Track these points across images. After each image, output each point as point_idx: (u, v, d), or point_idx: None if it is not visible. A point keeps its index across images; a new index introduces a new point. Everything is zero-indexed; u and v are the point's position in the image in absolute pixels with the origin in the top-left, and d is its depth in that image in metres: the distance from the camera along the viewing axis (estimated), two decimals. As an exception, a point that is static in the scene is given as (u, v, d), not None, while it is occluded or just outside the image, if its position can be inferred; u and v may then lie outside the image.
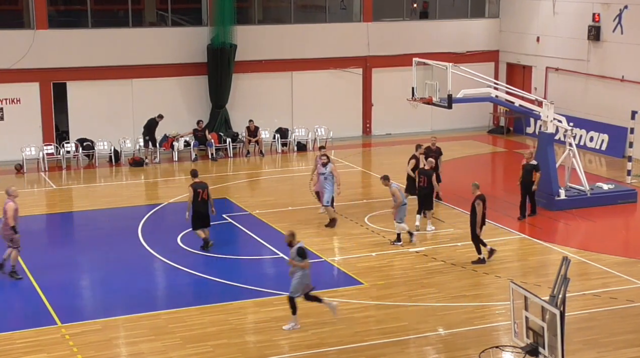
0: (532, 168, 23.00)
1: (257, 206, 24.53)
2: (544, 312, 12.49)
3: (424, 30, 35.19)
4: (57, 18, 31.80)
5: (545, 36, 33.99)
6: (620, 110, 29.98)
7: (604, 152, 31.34)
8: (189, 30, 32.42)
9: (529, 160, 23.02)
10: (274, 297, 17.80)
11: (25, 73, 30.15)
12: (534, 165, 23.01)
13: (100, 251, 21.05)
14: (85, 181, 28.38)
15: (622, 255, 20.51)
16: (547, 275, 18.87)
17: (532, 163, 22.99)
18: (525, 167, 23.06)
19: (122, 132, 30.97)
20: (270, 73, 33.19)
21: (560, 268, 12.72)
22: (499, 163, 32.16)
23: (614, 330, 16.12)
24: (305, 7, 35.44)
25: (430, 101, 24.59)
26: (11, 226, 18.54)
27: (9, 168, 29.20)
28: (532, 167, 23.00)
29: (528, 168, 23.00)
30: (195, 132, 31.12)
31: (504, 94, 25.84)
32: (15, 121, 30.19)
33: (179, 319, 16.72)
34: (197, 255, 20.48)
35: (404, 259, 20.13)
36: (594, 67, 32.03)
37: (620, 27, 30.81)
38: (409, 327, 16.35)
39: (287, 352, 15.35)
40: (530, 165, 23.00)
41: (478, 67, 31.28)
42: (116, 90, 31.43)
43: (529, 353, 12.95)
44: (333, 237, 21.91)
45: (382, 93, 34.62)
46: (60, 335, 16.04)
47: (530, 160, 23.00)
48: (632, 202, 24.82)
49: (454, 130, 35.14)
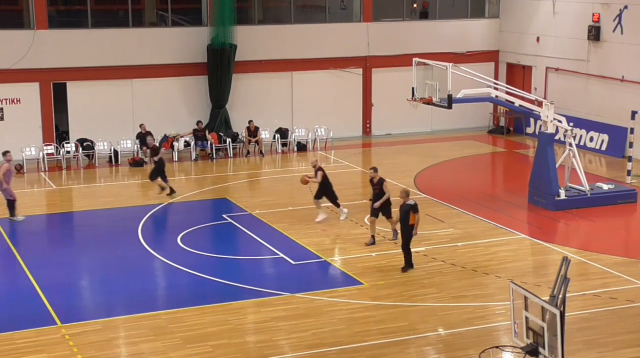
0: (410, 208, 19.07)
1: (257, 206, 24.53)
2: (544, 312, 12.49)
3: (424, 30, 35.19)
4: (57, 18, 31.80)
5: (545, 36, 33.99)
6: (620, 110, 29.99)
7: (604, 152, 31.35)
8: (189, 30, 32.42)
9: (405, 200, 19.15)
10: (274, 297, 17.80)
11: (25, 73, 30.16)
12: (411, 206, 19.07)
13: (100, 251, 21.06)
14: (85, 181, 28.38)
15: (622, 255, 20.51)
16: (547, 275, 18.88)
17: (410, 203, 19.09)
18: (403, 208, 19.17)
19: (122, 132, 30.96)
20: (270, 73, 33.19)
21: (560, 269, 12.71)
22: (499, 163, 32.16)
23: (614, 330, 16.12)
24: (305, 7, 35.43)
25: (430, 101, 24.58)
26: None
27: (9, 168, 29.19)
28: (410, 208, 19.07)
29: (405, 208, 19.10)
30: (195, 132, 31.14)
31: (504, 94, 25.84)
32: (15, 121, 30.20)
33: (179, 319, 16.72)
34: (197, 255, 20.48)
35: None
36: (594, 67, 32.03)
37: (620, 27, 30.82)
38: (409, 327, 16.35)
39: (287, 352, 15.35)
40: (408, 206, 19.09)
41: (478, 67, 31.34)
42: (116, 90, 31.44)
43: (529, 353, 12.94)
44: (333, 237, 21.91)
45: (382, 93, 34.63)
46: (60, 335, 16.04)
47: (407, 200, 19.14)
48: (632, 202, 24.81)
49: (454, 130, 35.17)
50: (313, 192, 23.38)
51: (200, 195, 26.02)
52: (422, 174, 28.52)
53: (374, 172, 21.14)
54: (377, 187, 20.86)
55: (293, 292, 18.00)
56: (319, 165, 23.14)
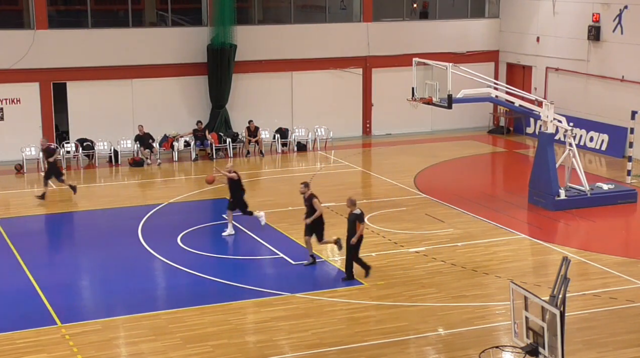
0: (356, 218, 18.35)
1: (257, 206, 24.51)
2: (544, 312, 12.49)
3: (424, 30, 35.18)
4: (57, 18, 31.80)
5: (545, 36, 33.99)
6: (620, 110, 29.98)
7: (604, 152, 31.34)
8: (189, 30, 32.42)
9: (352, 209, 18.45)
10: (274, 297, 17.80)
11: (25, 73, 30.15)
12: (357, 215, 18.37)
13: (100, 251, 21.05)
14: (85, 181, 28.36)
15: (622, 255, 20.51)
16: (547, 275, 18.88)
17: (356, 212, 18.39)
18: (349, 218, 18.49)
19: (122, 132, 30.95)
20: (270, 73, 33.18)
21: (560, 269, 12.71)
22: (499, 163, 32.16)
23: (614, 330, 16.12)
24: (305, 7, 35.43)
25: (430, 101, 24.59)
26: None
27: (9, 168, 29.19)
28: (356, 217, 18.35)
29: (352, 218, 18.43)
30: (195, 132, 31.13)
31: (504, 94, 25.84)
32: (15, 121, 30.19)
33: (179, 319, 16.72)
34: (197, 255, 20.48)
35: (404, 259, 20.13)
36: (594, 67, 32.02)
37: (620, 27, 30.81)
38: (409, 327, 16.35)
39: (287, 352, 15.35)
40: (354, 215, 18.39)
41: (478, 67, 31.33)
42: (116, 90, 31.43)
43: (529, 353, 12.95)
44: (333, 237, 21.88)
45: (382, 93, 34.62)
46: (60, 335, 16.04)
47: (353, 209, 18.43)
48: (632, 202, 24.81)
49: (454, 130, 35.16)
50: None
51: (200, 195, 26.02)
52: (422, 173, 28.52)
53: (304, 187, 19.59)
54: (308, 204, 19.42)
55: (293, 292, 18.00)
56: (234, 170, 22.05)
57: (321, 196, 25.29)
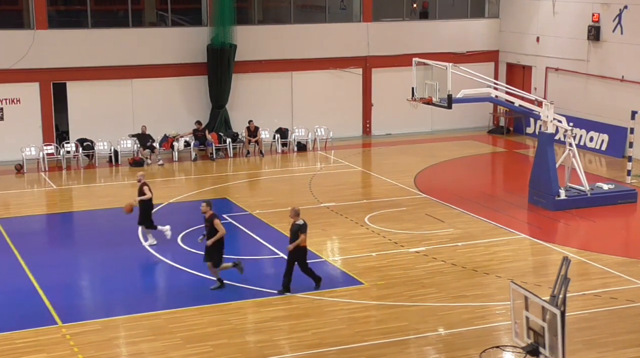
0: (299, 229, 17.77)
1: (257, 206, 24.52)
2: (545, 312, 12.49)
3: (424, 30, 35.18)
4: (57, 18, 31.80)
5: (545, 36, 33.98)
6: (620, 110, 29.98)
7: (604, 152, 31.34)
8: (189, 30, 32.41)
9: (295, 220, 17.91)
10: (274, 297, 17.79)
11: (25, 73, 30.15)
12: (300, 226, 17.79)
13: (100, 251, 21.05)
14: (85, 181, 28.37)
15: (622, 255, 20.50)
16: (547, 275, 18.88)
17: (299, 223, 17.84)
18: (292, 228, 17.93)
19: (122, 132, 30.94)
20: (270, 73, 33.18)
21: (561, 268, 12.71)
22: (499, 163, 32.16)
23: (614, 330, 16.12)
24: (305, 7, 35.43)
25: (430, 101, 24.58)
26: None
27: (9, 168, 29.20)
28: (299, 228, 17.77)
29: (294, 228, 17.85)
30: (195, 132, 31.13)
31: (503, 94, 25.84)
32: (15, 121, 30.19)
33: (179, 319, 16.72)
34: (197, 255, 20.45)
35: (404, 259, 20.12)
36: (593, 67, 32.02)
37: (620, 27, 30.81)
38: (409, 327, 16.35)
39: (287, 352, 15.35)
40: (297, 226, 17.81)
41: (478, 67, 31.33)
42: (116, 90, 31.43)
43: (530, 353, 12.94)
44: (333, 237, 21.91)
45: (382, 93, 34.62)
46: (60, 335, 16.04)
47: (297, 220, 17.89)
48: (632, 202, 24.81)
49: (454, 130, 35.16)
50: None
51: (200, 195, 26.00)
52: (422, 174, 28.51)
53: (206, 206, 18.16)
54: (208, 225, 18.07)
55: (293, 292, 17.99)
56: (144, 180, 21.42)
57: (321, 196, 25.47)
